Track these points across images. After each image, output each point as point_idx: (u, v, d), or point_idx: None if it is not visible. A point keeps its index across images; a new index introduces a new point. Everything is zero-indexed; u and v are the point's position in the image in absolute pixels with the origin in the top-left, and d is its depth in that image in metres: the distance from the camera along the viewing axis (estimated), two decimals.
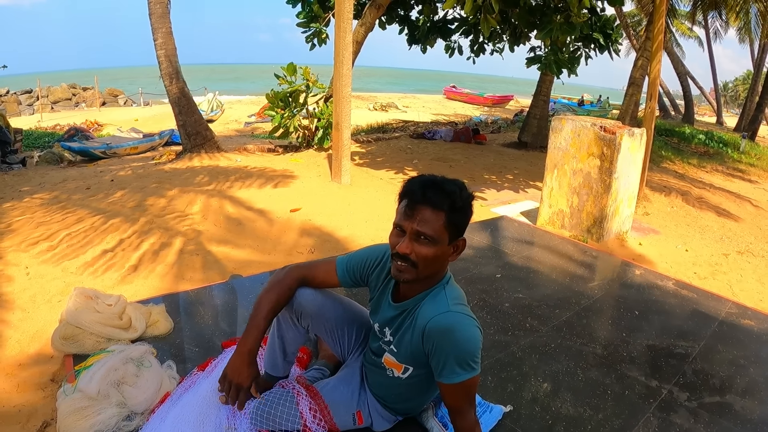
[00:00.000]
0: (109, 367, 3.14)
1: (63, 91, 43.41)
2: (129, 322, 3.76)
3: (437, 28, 15.21)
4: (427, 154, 12.56)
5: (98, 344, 3.60)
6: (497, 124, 23.25)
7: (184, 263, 5.86)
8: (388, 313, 2.60)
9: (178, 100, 11.95)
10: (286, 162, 10.80)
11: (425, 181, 2.35)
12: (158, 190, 8.52)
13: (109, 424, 2.91)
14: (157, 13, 11.77)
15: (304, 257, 6.14)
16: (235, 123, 25.37)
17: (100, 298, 3.86)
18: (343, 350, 3.03)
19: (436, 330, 2.31)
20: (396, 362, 2.60)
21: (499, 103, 42.74)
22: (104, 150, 16.29)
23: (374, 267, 2.71)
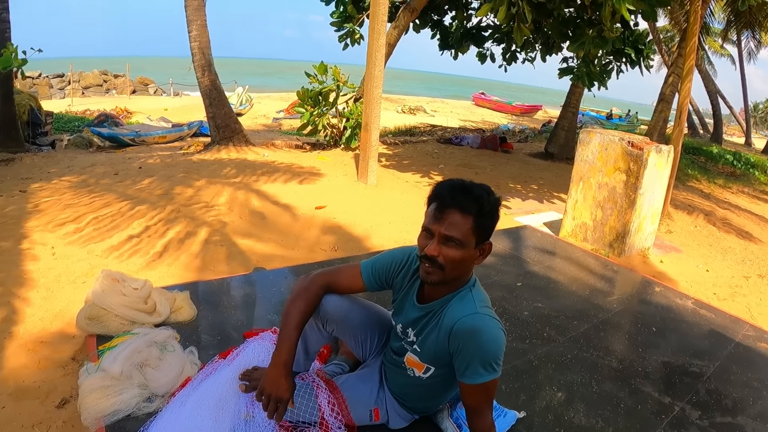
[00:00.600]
0: (134, 349, 3.21)
1: (94, 77, 43.83)
2: (154, 306, 3.83)
3: (470, 35, 15.25)
4: (454, 160, 12.59)
5: (122, 326, 3.68)
6: (525, 133, 23.23)
7: (209, 253, 5.94)
8: (412, 314, 2.64)
9: (209, 93, 12.07)
10: (313, 159, 10.88)
11: (454, 185, 2.39)
12: (186, 180, 8.62)
13: (130, 404, 2.98)
14: (193, 6, 11.91)
15: (327, 254, 6.20)
16: (264, 118, 25.48)
17: (126, 282, 3.94)
18: (364, 352, 3.07)
19: (464, 331, 2.36)
20: (418, 362, 2.64)
21: (527, 112, 42.62)
22: (133, 137, 16.46)
23: (399, 269, 2.74)
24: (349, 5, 13.65)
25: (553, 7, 10.55)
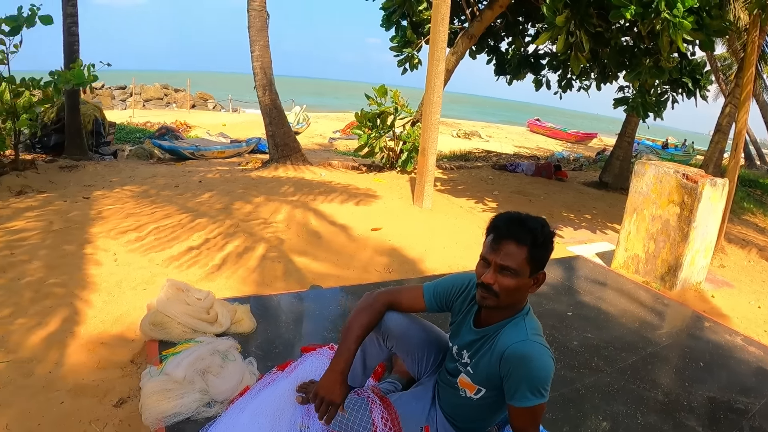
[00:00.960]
0: (197, 356, 3.38)
1: (155, 91, 44.80)
2: (215, 317, 4.00)
3: (527, 62, 15.32)
4: (508, 187, 12.64)
5: (184, 334, 3.85)
6: (579, 161, 23.12)
7: (266, 269, 6.10)
8: (468, 337, 2.77)
9: (270, 111, 12.31)
10: (369, 181, 11.03)
11: (510, 217, 2.54)
12: (244, 196, 8.83)
13: (190, 408, 3.15)
14: (256, 27, 12.18)
15: (381, 276, 6.31)
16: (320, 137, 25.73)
17: (190, 292, 4.12)
18: (420, 370, 3.19)
19: (514, 356, 2.48)
20: (470, 383, 2.76)
21: (582, 140, 42.30)
22: (193, 151, 16.78)
23: (459, 294, 2.88)
24: (408, 31, 13.83)
25: (611, 36, 10.59)
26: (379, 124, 12.08)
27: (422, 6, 13.35)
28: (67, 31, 13.07)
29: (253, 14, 12.23)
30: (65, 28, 13.03)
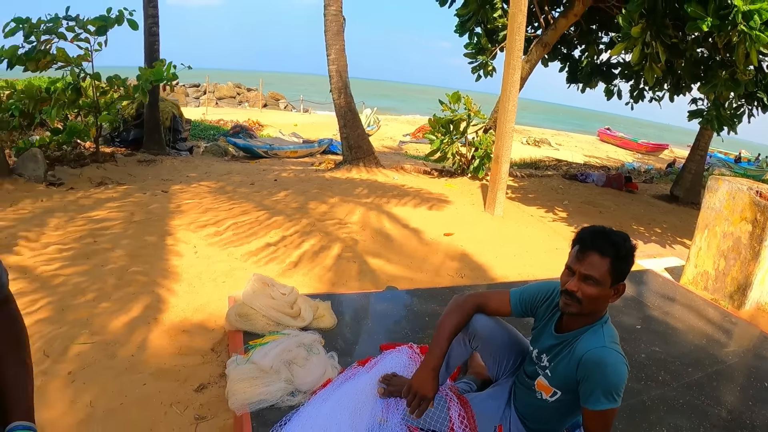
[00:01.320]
0: (284, 348, 3.58)
1: (228, 89, 45.67)
2: (299, 311, 4.21)
3: (600, 71, 15.27)
4: (578, 197, 12.63)
5: (268, 326, 4.07)
6: (650, 173, 22.86)
7: (341, 268, 6.30)
8: (548, 341, 2.93)
9: (345, 114, 12.54)
10: (440, 186, 11.17)
11: (595, 230, 2.73)
12: (319, 196, 9.05)
13: (275, 396, 3.36)
14: (332, 30, 12.42)
15: (453, 281, 6.44)
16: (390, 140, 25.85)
17: (275, 287, 4.34)
18: (499, 371, 3.35)
19: (591, 361, 2.64)
20: (547, 385, 2.91)
21: (653, 150, 41.53)
22: (267, 150, 17.11)
23: (543, 301, 3.05)
24: (482, 38, 13.92)
25: (686, 48, 10.51)
26: (452, 129, 12.18)
27: (497, 13, 13.42)
28: (148, 31, 13.55)
29: (329, 18, 12.46)
30: (146, 29, 13.51)
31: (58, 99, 10.95)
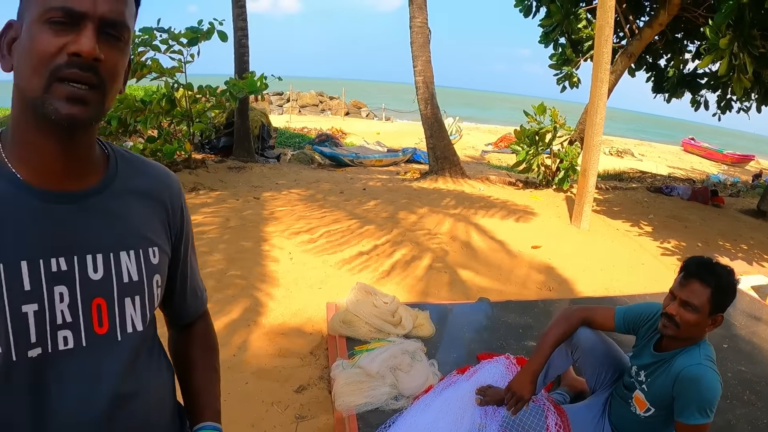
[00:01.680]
0: (390, 354, 3.76)
1: (311, 98, 46.33)
2: (399, 320, 4.38)
3: (686, 82, 15.09)
4: (663, 211, 12.48)
5: (370, 333, 4.27)
6: (736, 187, 22.38)
7: (432, 278, 6.44)
8: (647, 359, 3.08)
9: (431, 125, 12.70)
10: (526, 197, 11.21)
11: (701, 260, 2.89)
12: (408, 206, 9.21)
13: (380, 400, 3.56)
14: (419, 42, 12.60)
15: (541, 293, 6.51)
16: (472, 150, 25.81)
17: (377, 295, 4.53)
18: (596, 383, 3.47)
19: (687, 377, 2.79)
20: (643, 400, 3.04)
21: (738, 162, 40.39)
22: (352, 158, 17.36)
23: (646, 321, 3.18)
24: (567, 49, 13.89)
25: None
26: (538, 141, 12.20)
27: (581, 24, 13.39)
28: (238, 42, 13.95)
29: (415, 30, 12.65)
30: (236, 41, 13.91)
31: (153, 109, 11.40)
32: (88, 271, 1.20)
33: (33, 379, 1.15)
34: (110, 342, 1.23)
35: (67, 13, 1.07)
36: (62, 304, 1.16)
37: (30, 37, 1.09)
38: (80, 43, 1.07)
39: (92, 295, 1.20)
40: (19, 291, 1.11)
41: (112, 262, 1.22)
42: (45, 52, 1.07)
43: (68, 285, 1.17)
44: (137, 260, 1.27)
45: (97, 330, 1.21)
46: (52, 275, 1.15)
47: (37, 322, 1.13)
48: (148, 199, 1.33)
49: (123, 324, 1.25)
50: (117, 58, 1.14)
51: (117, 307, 1.23)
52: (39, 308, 1.14)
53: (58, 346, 1.17)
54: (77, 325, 1.19)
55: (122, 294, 1.24)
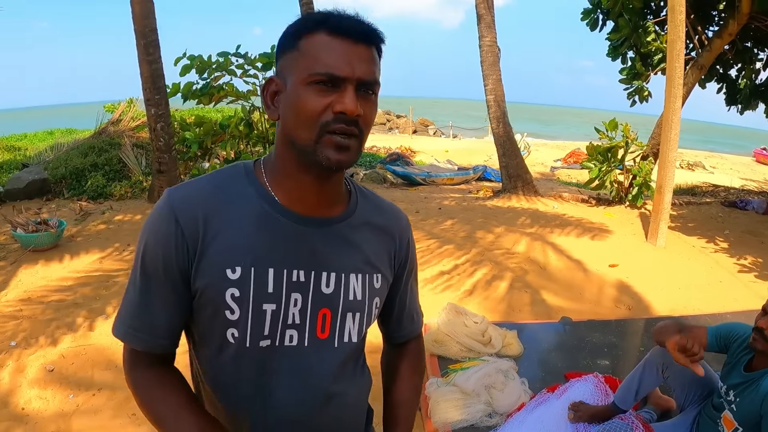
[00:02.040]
0: (485, 373, 3.96)
1: (378, 116, 46.66)
2: (489, 339, 4.57)
3: (759, 92, 14.91)
4: (738, 226, 12.35)
5: (460, 352, 4.46)
6: None
7: (514, 298, 6.61)
8: (737, 379, 3.17)
9: (503, 143, 12.87)
10: (600, 215, 11.27)
11: None
12: (485, 225, 9.40)
13: (475, 417, 3.72)
14: (489, 61, 12.80)
15: (620, 312, 6.61)
16: (541, 166, 25.65)
17: (468, 315, 4.74)
18: (686, 401, 3.58)
19: None
20: (731, 420, 3.15)
21: None
22: (424, 177, 17.48)
23: (736, 339, 3.28)
24: (637, 62, 13.83)
25: None
26: (610, 157, 12.23)
27: (650, 37, 13.35)
28: None
29: (485, 50, 12.85)
30: None
31: (232, 133, 11.84)
32: (321, 285, 1.47)
33: (259, 364, 1.45)
34: (328, 347, 1.51)
35: (330, 78, 1.31)
36: (295, 308, 1.44)
37: (298, 96, 1.34)
38: (345, 103, 1.31)
39: (321, 306, 1.47)
40: (263, 292, 1.40)
41: (342, 282, 1.50)
42: (314, 110, 1.32)
43: (303, 294, 1.45)
44: (363, 283, 1.54)
45: (319, 335, 1.49)
46: (292, 284, 1.43)
47: (272, 319, 1.42)
48: (379, 232, 1.60)
49: (341, 334, 1.52)
50: (371, 110, 1.39)
51: (339, 319, 1.51)
52: (276, 308, 1.42)
53: (284, 342, 1.45)
54: (303, 327, 1.47)
55: (345, 309, 1.51)
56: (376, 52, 1.40)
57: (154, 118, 10.78)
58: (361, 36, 1.36)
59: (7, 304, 6.36)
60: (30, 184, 11.66)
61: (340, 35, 1.34)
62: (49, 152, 16.17)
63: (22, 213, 8.75)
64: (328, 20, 1.35)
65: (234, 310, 1.39)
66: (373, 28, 1.39)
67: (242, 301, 1.39)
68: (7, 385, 4.78)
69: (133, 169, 13.19)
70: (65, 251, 8.07)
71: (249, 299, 1.39)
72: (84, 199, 11.51)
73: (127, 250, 8.18)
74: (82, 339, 5.60)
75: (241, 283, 1.38)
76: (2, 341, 5.51)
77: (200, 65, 11.40)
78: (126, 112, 17.63)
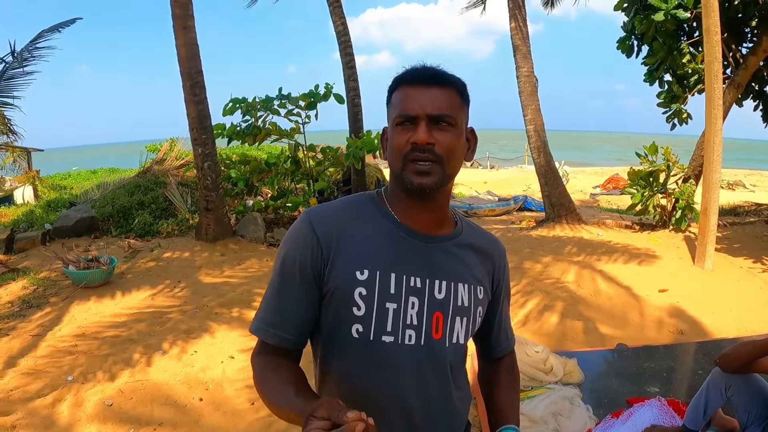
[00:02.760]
0: (551, 400, 4.04)
1: None
2: (551, 368, 4.66)
3: None
4: None
5: (523, 382, 4.61)
6: None
7: (567, 326, 6.69)
8: None
9: (545, 172, 12.93)
10: (645, 240, 11.24)
11: None
12: (533, 255, 9.46)
13: None
14: (527, 91, 12.91)
15: (673, 337, 6.63)
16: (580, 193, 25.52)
17: (528, 345, 4.83)
18: (748, 420, 3.65)
19: None
20: None
21: None
22: (467, 210, 17.57)
23: None
24: (674, 85, 13.77)
25: None
26: (652, 181, 12.16)
27: (685, 58, 13.29)
28: (351, 102, 14.50)
29: (522, 80, 12.97)
30: (349, 100, 14.47)
31: (279, 170, 12.07)
32: (435, 291, 1.70)
33: (382, 357, 1.67)
34: (441, 346, 1.72)
35: (406, 118, 1.62)
36: (413, 310, 1.67)
37: (391, 135, 1.69)
38: (417, 135, 1.60)
39: (434, 309, 1.70)
40: (386, 292, 1.64)
41: (452, 289, 1.73)
42: (399, 144, 1.64)
43: (419, 297, 1.68)
44: (469, 292, 1.77)
45: (434, 335, 1.70)
46: (410, 288, 1.67)
47: (393, 317, 1.65)
48: (481, 253, 1.86)
49: (452, 335, 1.74)
50: (446, 138, 1.63)
51: (450, 322, 1.73)
52: (397, 308, 1.65)
53: (405, 341, 1.67)
54: (420, 328, 1.68)
55: (455, 313, 1.74)
56: (453, 90, 1.68)
57: (201, 158, 10.99)
58: (429, 81, 1.65)
59: (61, 339, 6.56)
60: (78, 222, 11.90)
61: (413, 84, 1.65)
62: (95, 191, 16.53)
63: (73, 250, 8.95)
64: (405, 75, 1.68)
65: (360, 306, 1.63)
66: (439, 72, 1.68)
67: (368, 299, 1.63)
68: (66, 419, 4.93)
69: (179, 207, 13.42)
70: (116, 288, 8.27)
71: (374, 297, 1.63)
72: (132, 237, 11.74)
73: (178, 286, 8.36)
74: (140, 374, 5.75)
75: (368, 283, 1.63)
76: (59, 375, 5.67)
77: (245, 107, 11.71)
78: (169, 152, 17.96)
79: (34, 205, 16.69)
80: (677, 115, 13.91)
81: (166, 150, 18.10)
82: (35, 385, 5.46)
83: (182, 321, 7.06)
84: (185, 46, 10.56)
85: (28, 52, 10.70)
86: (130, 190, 14.48)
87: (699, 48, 11.95)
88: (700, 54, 11.92)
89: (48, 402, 5.15)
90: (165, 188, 14.28)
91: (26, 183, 20.77)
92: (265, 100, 12.16)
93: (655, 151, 12.11)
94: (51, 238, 11.63)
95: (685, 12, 11.54)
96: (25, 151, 22.44)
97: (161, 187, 14.51)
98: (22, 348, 6.31)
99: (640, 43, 13.98)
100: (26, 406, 5.06)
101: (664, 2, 11.49)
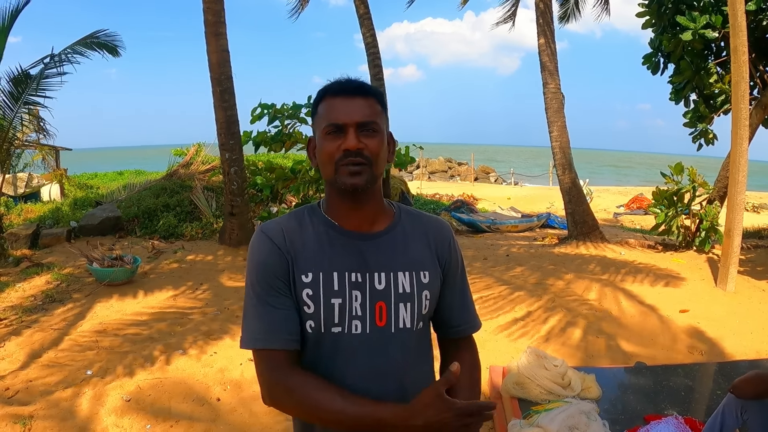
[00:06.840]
0: (568, 414, 4.03)
1: (440, 164, 47.24)
2: (569, 382, 4.66)
3: None
4: None
5: (540, 395, 4.58)
6: None
7: (589, 344, 6.69)
8: None
9: (569, 190, 12.92)
10: (668, 261, 11.17)
11: None
12: (555, 272, 9.45)
13: None
14: (553, 108, 12.92)
15: (692, 357, 6.61)
16: (604, 212, 25.42)
17: (547, 359, 4.83)
18: None
19: None
20: None
21: None
22: (489, 225, 17.55)
23: None
24: (701, 105, 13.68)
25: None
26: (676, 202, 12.10)
27: (712, 78, 13.21)
28: None
29: (549, 96, 12.99)
30: None
31: (303, 177, 12.14)
32: (375, 282, 1.88)
33: (334, 346, 1.86)
34: (386, 332, 1.88)
35: (336, 127, 1.81)
36: (356, 303, 1.85)
37: (320, 145, 1.86)
38: (348, 142, 1.79)
39: (377, 299, 1.87)
40: (330, 289, 1.83)
41: (392, 278, 1.89)
42: (331, 151, 1.82)
43: (361, 291, 1.86)
44: (411, 279, 1.92)
45: (378, 323, 1.87)
46: (352, 283, 1.85)
47: (339, 311, 1.84)
48: (423, 238, 2.01)
49: (397, 321, 1.90)
50: (374, 142, 1.83)
51: (393, 309, 1.89)
52: (342, 302, 1.84)
53: (351, 330, 1.85)
54: (365, 317, 1.86)
55: (398, 300, 1.89)
56: (374, 99, 1.88)
57: (228, 163, 11.10)
58: (353, 92, 1.85)
59: (82, 335, 6.68)
60: (104, 221, 12.09)
61: (339, 95, 1.85)
62: (122, 192, 16.77)
63: (97, 248, 9.05)
64: (331, 87, 1.88)
65: (309, 305, 1.83)
66: (361, 84, 1.89)
67: (315, 298, 1.83)
68: (85, 411, 5.03)
69: (204, 211, 13.55)
70: (139, 287, 8.39)
71: (320, 295, 1.83)
72: (156, 238, 11.88)
73: (200, 289, 8.44)
74: (159, 372, 5.84)
75: (313, 284, 1.83)
76: (79, 369, 5.79)
77: (273, 113, 11.77)
78: (195, 156, 18.12)
79: (60, 202, 16.93)
80: (703, 135, 13.80)
81: (193, 154, 18.29)
82: (55, 377, 5.57)
83: (203, 322, 7.14)
84: (216, 52, 10.69)
85: (65, 55, 10.84)
86: (156, 193, 14.66)
87: (726, 68, 11.90)
88: (727, 74, 11.86)
89: (67, 395, 5.25)
90: (190, 192, 14.44)
91: (53, 181, 21.08)
92: (294, 107, 12.25)
93: (681, 171, 12.05)
94: (76, 235, 11.79)
95: (713, 32, 11.47)
96: (54, 149, 22.73)
97: (187, 191, 14.67)
98: (44, 341, 6.42)
99: (666, 60, 13.91)
100: (45, 398, 5.16)
101: (693, 21, 11.45)
